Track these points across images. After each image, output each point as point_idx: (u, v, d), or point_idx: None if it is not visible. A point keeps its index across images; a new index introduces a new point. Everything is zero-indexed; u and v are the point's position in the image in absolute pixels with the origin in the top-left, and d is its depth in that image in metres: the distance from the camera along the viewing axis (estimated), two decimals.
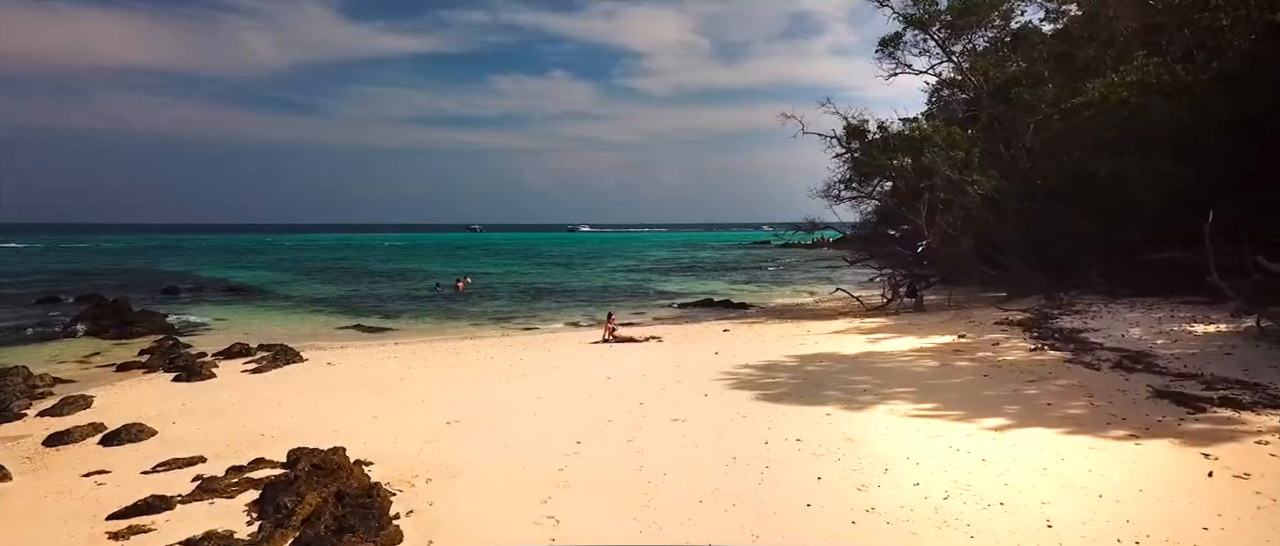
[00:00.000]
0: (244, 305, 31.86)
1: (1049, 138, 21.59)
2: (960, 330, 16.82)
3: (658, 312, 29.44)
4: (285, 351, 18.13)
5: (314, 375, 15.41)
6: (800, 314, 25.67)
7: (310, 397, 13.09)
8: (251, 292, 37.66)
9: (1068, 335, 14.41)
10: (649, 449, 9.17)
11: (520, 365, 15.52)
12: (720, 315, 27.66)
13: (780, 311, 27.22)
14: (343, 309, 30.88)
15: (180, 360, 17.38)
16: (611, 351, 17.39)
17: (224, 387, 14.28)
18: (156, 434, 10.89)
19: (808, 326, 20.04)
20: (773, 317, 24.59)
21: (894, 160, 21.85)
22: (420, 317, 28.56)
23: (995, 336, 15.37)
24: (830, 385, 12.00)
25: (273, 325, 25.80)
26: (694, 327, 21.99)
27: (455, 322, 27.01)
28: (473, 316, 28.78)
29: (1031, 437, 8.76)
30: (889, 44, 25.72)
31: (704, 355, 15.73)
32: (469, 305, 32.67)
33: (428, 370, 15.51)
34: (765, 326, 20.97)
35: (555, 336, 21.56)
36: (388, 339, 22.52)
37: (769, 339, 17.88)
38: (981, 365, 12.73)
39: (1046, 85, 20.69)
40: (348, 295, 36.56)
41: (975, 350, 14.09)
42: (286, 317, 28.18)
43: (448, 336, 22.87)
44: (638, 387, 12.65)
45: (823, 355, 14.72)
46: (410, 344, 20.91)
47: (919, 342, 15.43)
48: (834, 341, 16.57)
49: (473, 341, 20.84)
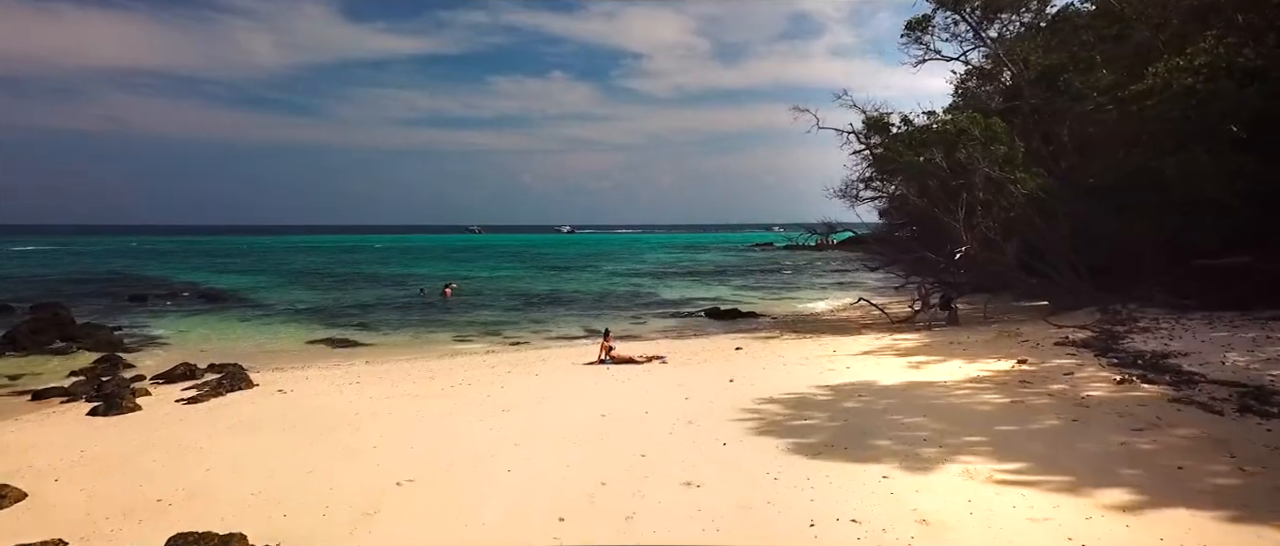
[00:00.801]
0: (213, 314, 29.49)
1: (1098, 130, 19.24)
2: (1015, 351, 14.46)
3: (659, 323, 27.08)
4: (235, 375, 15.81)
5: (256, 408, 13.05)
6: (818, 326, 23.30)
7: (240, 440, 10.74)
8: (226, 299, 35.29)
9: (1153, 361, 12.05)
10: (653, 532, 6.83)
11: (501, 395, 13.16)
12: (728, 326, 25.28)
13: (795, 323, 24.85)
14: (318, 319, 28.52)
15: (108, 386, 15.01)
16: (608, 375, 15.03)
17: (142, 426, 11.91)
18: (26, 497, 8.55)
19: (832, 344, 17.69)
20: (788, 330, 22.21)
21: (924, 156, 19.52)
22: (401, 329, 26.20)
23: (1062, 362, 13.01)
24: (879, 430, 9.64)
25: (236, 339, 23.45)
26: (701, 344, 19.63)
27: (437, 335, 24.64)
28: (457, 328, 26.41)
29: (1178, 524, 6.40)
30: (917, 27, 23.37)
31: (716, 382, 13.38)
32: (455, 314, 30.29)
33: (392, 401, 13.15)
34: (782, 343, 18.61)
35: (545, 354, 19.20)
36: (359, 356, 20.16)
37: (790, 360, 15.52)
38: (1062, 402, 10.37)
39: (1099, 71, 18.35)
40: (327, 303, 34.18)
41: (1045, 380, 11.73)
42: (254, 330, 25.82)
43: (426, 353, 20.50)
44: (638, 431, 10.29)
45: (859, 385, 12.36)
46: (381, 363, 18.56)
47: (971, 369, 13.07)
48: (868, 366, 14.20)
49: (452, 360, 18.48)
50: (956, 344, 16.08)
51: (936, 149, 19.05)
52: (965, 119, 18.82)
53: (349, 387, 14.67)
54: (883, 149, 23.38)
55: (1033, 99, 19.57)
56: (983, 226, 18.51)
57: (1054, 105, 19.03)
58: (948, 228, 19.61)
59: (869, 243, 23.43)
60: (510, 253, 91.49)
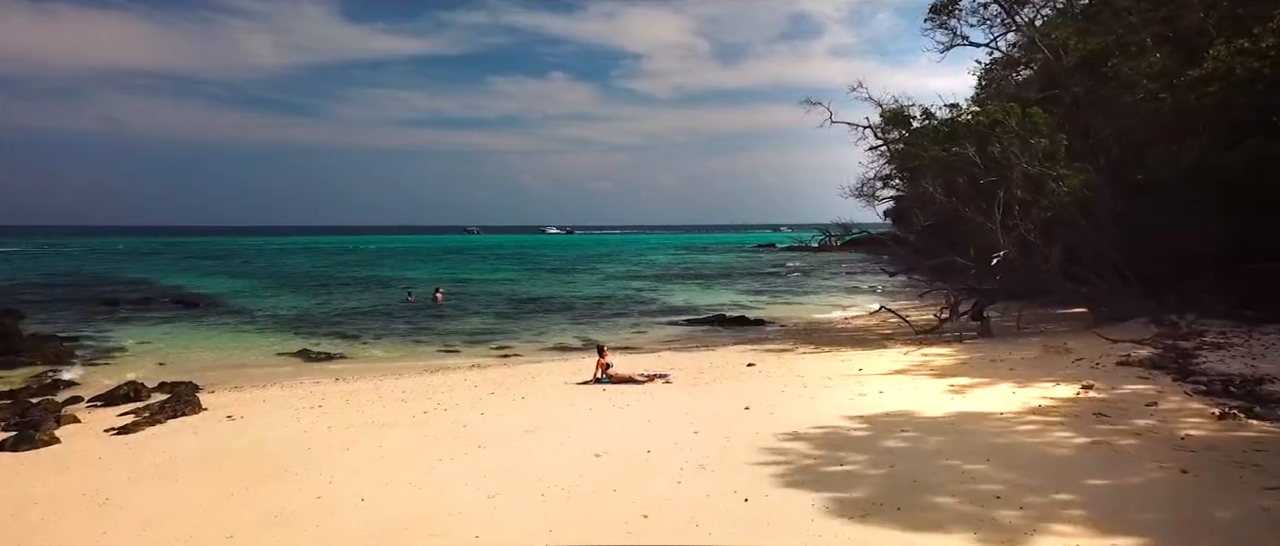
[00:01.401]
0: (183, 322, 27.64)
1: (1143, 122, 17.39)
2: (1071, 371, 12.60)
3: (661, 332, 25.21)
4: (183, 396, 14.01)
5: (194, 441, 11.21)
6: (835, 336, 21.44)
7: (159, 489, 8.91)
8: (205, 305, 33.42)
9: (1247, 387, 10.21)
10: None
11: (479, 426, 11.31)
12: (737, 336, 23.41)
13: (809, 332, 22.99)
14: (298, 327, 26.67)
15: (34, 412, 13.15)
16: (604, 399, 13.17)
17: (50, 466, 10.06)
18: None
19: (855, 360, 15.82)
20: (803, 342, 20.34)
21: (953, 150, 17.68)
22: (383, 338, 24.36)
23: (1136, 387, 11.14)
24: (936, 481, 7.78)
25: (201, 351, 21.60)
26: (709, 359, 17.77)
27: (422, 346, 22.79)
28: (444, 337, 24.55)
29: None
30: (943, 11, 21.53)
31: (729, 409, 11.53)
32: (444, 321, 28.44)
33: (352, 432, 11.31)
34: (799, 359, 16.74)
35: (536, 370, 17.34)
36: (332, 372, 18.31)
37: (811, 380, 13.65)
38: (1158, 445, 8.51)
39: (1151, 55, 16.50)
40: (310, 309, 32.32)
41: (1124, 412, 9.86)
42: (226, 339, 23.97)
43: (405, 368, 18.65)
44: (639, 479, 8.44)
45: (899, 417, 10.50)
46: (354, 380, 16.72)
47: (1028, 396, 11.20)
48: (903, 390, 12.34)
49: (431, 378, 16.63)
50: (999, 361, 14.21)
51: (968, 142, 17.20)
52: (1001, 109, 16.98)
53: (308, 413, 12.83)
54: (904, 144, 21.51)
55: (1074, 87, 17.72)
56: (1022, 228, 16.66)
57: (1098, 94, 17.19)
58: (979, 229, 17.76)
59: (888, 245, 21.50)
60: (508, 254, 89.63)
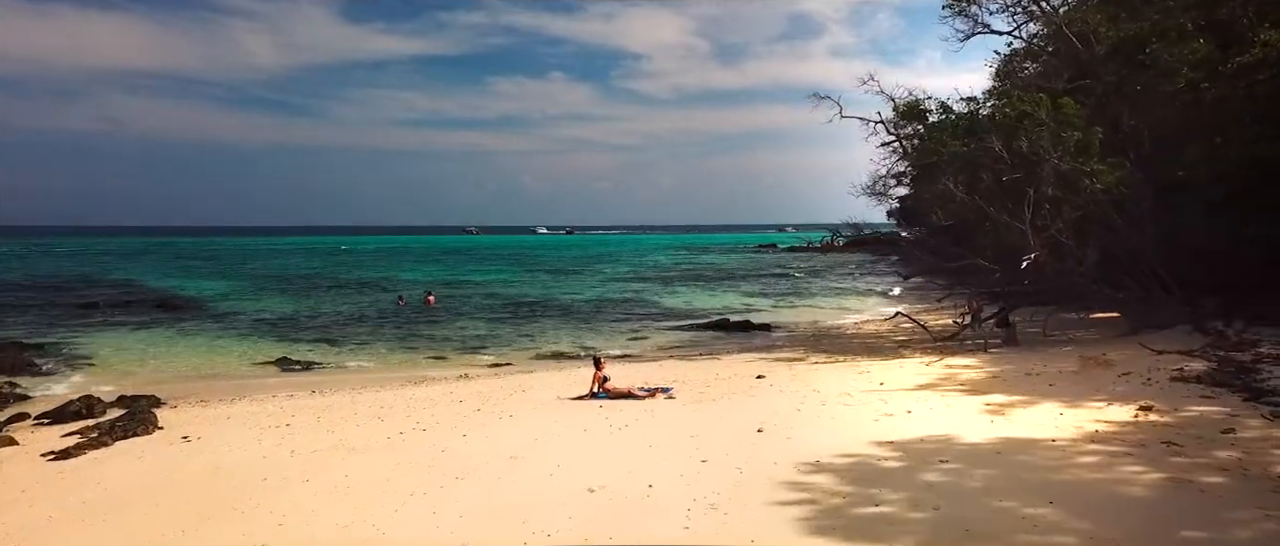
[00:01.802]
0: (161, 328, 26.36)
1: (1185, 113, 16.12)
2: (1119, 388, 11.33)
3: (662, 338, 23.94)
4: (138, 414, 12.78)
5: (139, 468, 9.96)
6: (848, 344, 20.16)
7: (88, 531, 7.66)
8: (185, 309, 32.14)
9: None
10: None
11: (459, 451, 10.04)
12: (743, 343, 22.17)
13: (819, 339, 21.72)
14: (281, 333, 25.41)
15: None
16: (601, 416, 11.90)
17: None
18: None
19: (875, 372, 14.54)
20: (814, 350, 19.07)
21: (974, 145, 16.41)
22: (369, 345, 23.10)
23: (1204, 409, 9.86)
24: (993, 529, 6.52)
25: (174, 360, 20.36)
26: (714, 369, 16.50)
27: (409, 354, 21.53)
28: (434, 344, 23.30)
29: None
30: None
31: (739, 431, 10.26)
32: (435, 326, 27.18)
33: (318, 457, 10.05)
34: (812, 371, 15.45)
35: (527, 381, 16.07)
36: (309, 383, 17.07)
37: (828, 395, 12.38)
38: (1252, 485, 7.23)
39: (1194, 41, 15.24)
40: (297, 313, 31.05)
41: (1199, 440, 8.57)
42: (202, 347, 22.72)
43: (388, 379, 17.39)
44: (640, 520, 7.19)
45: (935, 443, 9.23)
46: (330, 393, 15.46)
47: (1080, 419, 9.91)
48: (934, 408, 11.07)
49: (414, 391, 15.37)
50: (1034, 375, 12.93)
51: (993, 136, 15.92)
52: (1029, 100, 15.72)
53: (273, 433, 11.57)
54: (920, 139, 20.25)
55: (1107, 77, 16.44)
56: (1053, 229, 15.37)
57: (1132, 84, 15.93)
58: (1004, 229, 16.49)
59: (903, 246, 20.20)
60: (506, 255, 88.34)
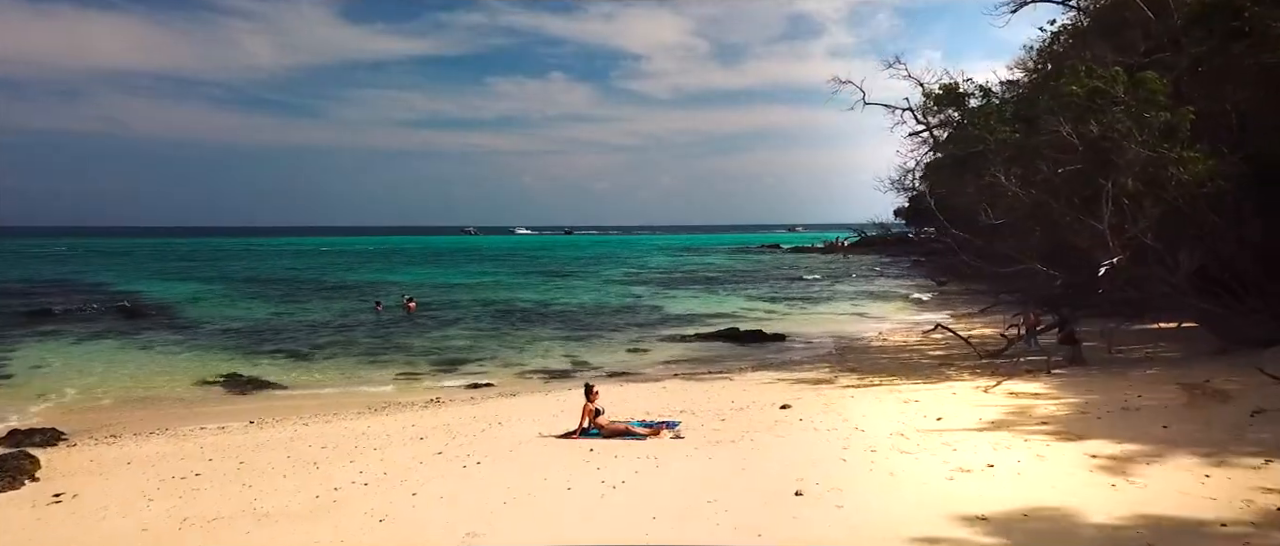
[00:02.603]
0: (111, 338, 23.85)
1: None
2: (1262, 429, 8.81)
3: (665, 352, 21.40)
4: (11, 461, 10.25)
5: None
6: (877, 360, 17.63)
7: None
8: (148, 316, 29.64)
9: None
10: None
11: (404, 518, 7.55)
12: (756, 357, 19.66)
13: (844, 354, 19.20)
14: (241, 345, 22.91)
15: None
16: (592, 465, 9.38)
17: None
18: None
19: (924, 399, 12.02)
20: (842, 368, 16.54)
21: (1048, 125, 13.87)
22: (336, 359, 20.61)
23: None
24: None
25: (110, 378, 17.91)
26: (728, 394, 13.98)
27: (377, 371, 19.02)
28: (409, 357, 20.81)
29: None
30: None
31: (773, 496, 7.74)
32: (413, 335, 24.69)
33: (214, 530, 7.56)
34: (847, 397, 12.92)
35: (506, 409, 13.55)
36: (250, 409, 14.60)
37: (879, 440, 9.83)
38: None
39: None
40: (266, 320, 28.53)
41: None
42: (149, 361, 20.26)
43: (344, 405, 14.88)
44: None
45: (1046, 520, 6.73)
46: (272, 424, 12.98)
47: (1233, 480, 7.40)
48: (1021, 459, 8.54)
49: (372, 420, 12.88)
50: (1132, 409, 10.41)
51: (1061, 118, 13.42)
52: (1103, 76, 13.21)
53: (172, 489, 9.08)
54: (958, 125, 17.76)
55: (1194, 47, 13.92)
56: (1136, 229, 12.84)
57: (1223, 56, 13.44)
58: (1070, 229, 13.98)
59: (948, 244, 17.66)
60: (501, 257, 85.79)
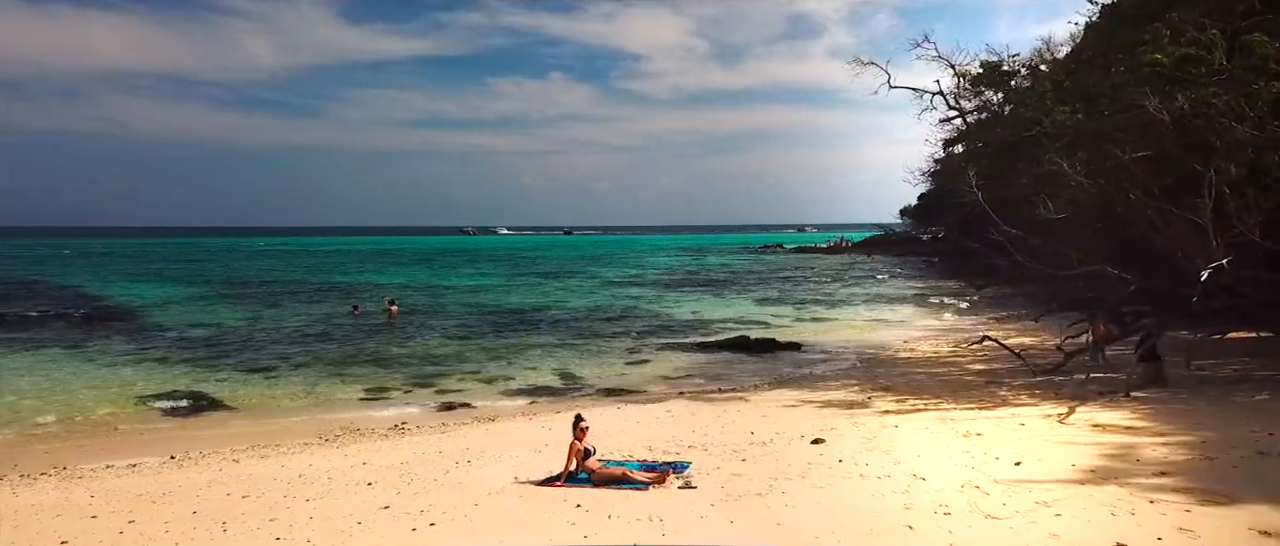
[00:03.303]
0: (55, 348, 21.60)
1: None
2: None
3: (668, 363, 19.17)
4: None
5: None
6: (914, 377, 15.38)
7: None
8: (105, 323, 27.39)
9: None
10: None
11: None
12: (771, 370, 17.46)
13: (871, 367, 16.95)
14: (199, 356, 20.69)
15: None
16: (578, 531, 7.16)
17: None
18: None
19: (991, 437, 9.79)
20: (873, 385, 14.30)
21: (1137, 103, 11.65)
22: (299, 372, 18.40)
23: None
24: None
25: (41, 392, 15.77)
26: (745, 421, 11.76)
27: (342, 387, 16.79)
28: (381, 370, 18.60)
29: None
30: None
31: None
32: (392, 343, 22.48)
33: None
34: (890, 428, 10.69)
35: (479, 443, 11.32)
36: (179, 439, 12.40)
37: (949, 493, 7.63)
38: None
39: None
40: (233, 328, 26.25)
41: None
42: (89, 375, 18.04)
43: (292, 434, 12.63)
44: None
45: None
46: (189, 463, 10.78)
47: None
48: (1163, 537, 6.31)
49: (312, 457, 10.65)
50: (1273, 454, 8.19)
51: (1147, 90, 11.22)
52: (1200, 40, 11.00)
53: None
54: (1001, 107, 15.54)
55: None
56: (1246, 224, 10.62)
57: None
58: (1151, 225, 11.77)
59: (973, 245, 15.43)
60: (498, 257, 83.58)
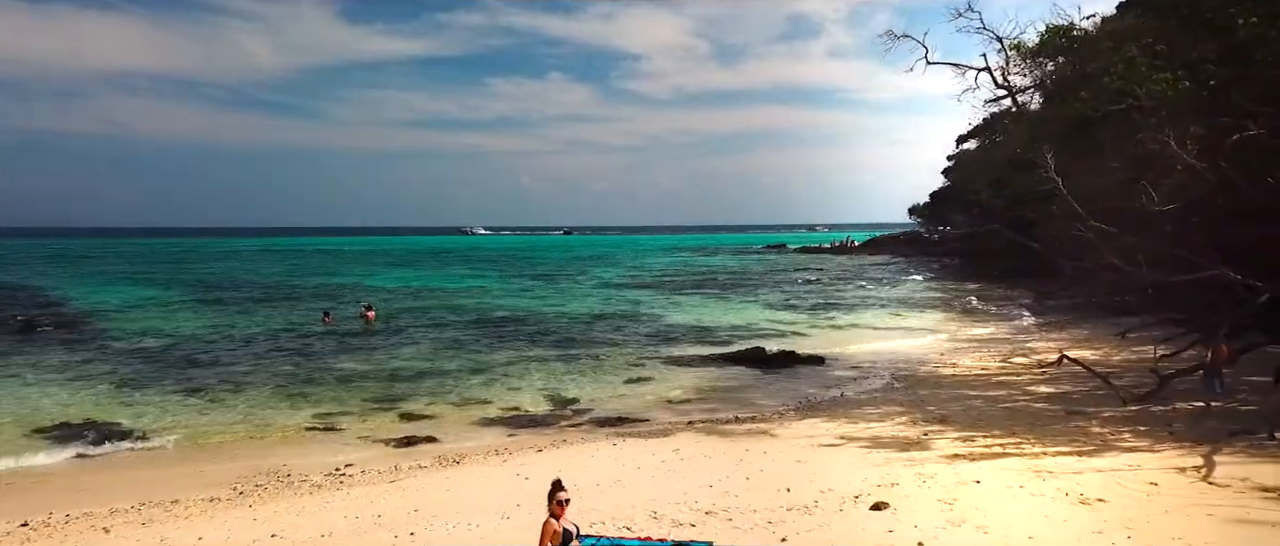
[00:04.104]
0: None
1: None
2: None
3: (673, 382, 16.55)
4: None
5: None
6: (969, 402, 12.75)
7: None
8: (48, 330, 24.88)
9: None
10: None
11: None
12: (792, 391, 14.86)
13: (913, 388, 14.30)
14: (135, 372, 18.16)
15: None
16: None
17: None
18: None
19: (1115, 503, 7.24)
20: (925, 415, 11.70)
21: None
22: (244, 391, 15.85)
23: None
24: None
25: None
26: (775, 468, 9.18)
27: (289, 411, 14.25)
28: (341, 388, 16.06)
29: None
30: None
31: None
32: (359, 355, 19.92)
33: None
34: (975, 491, 8.10)
35: (433, 500, 8.73)
36: (77, 482, 9.90)
37: None
38: None
39: None
40: (186, 338, 23.55)
41: None
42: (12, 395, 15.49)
43: (199, 482, 10.05)
44: None
45: None
46: (53, 529, 8.18)
47: None
48: None
49: (202, 525, 8.07)
50: None
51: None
52: None
53: None
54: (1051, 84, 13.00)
55: None
56: None
57: None
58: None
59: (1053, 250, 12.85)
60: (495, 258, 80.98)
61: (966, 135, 62.39)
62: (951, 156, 60.73)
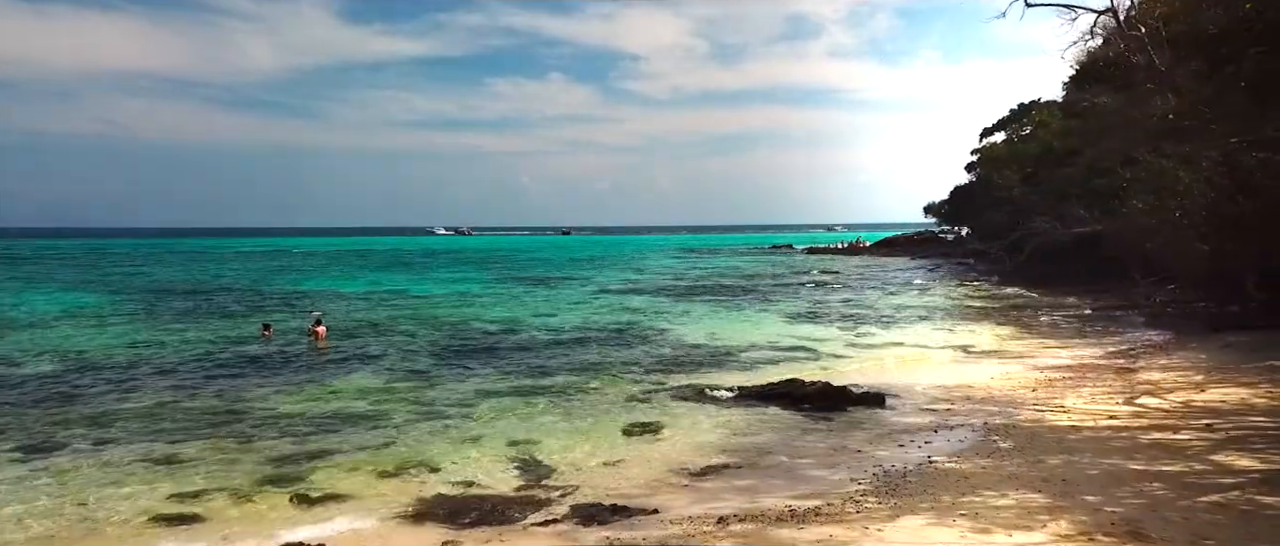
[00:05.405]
0: None
1: None
2: None
3: (688, 430, 12.32)
4: None
5: None
6: (1142, 488, 8.47)
7: None
8: None
9: None
10: None
11: None
12: (870, 463, 10.53)
13: (1032, 448, 10.03)
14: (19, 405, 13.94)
15: None
16: None
17: None
18: None
19: None
20: (1090, 514, 7.50)
21: None
22: (128, 443, 11.75)
23: None
24: None
25: None
26: None
27: (144, 488, 9.99)
28: (241, 443, 11.86)
29: None
30: None
31: None
32: (286, 389, 15.71)
33: None
34: None
35: None
36: None
37: None
38: None
39: None
40: (100, 358, 19.38)
41: None
42: None
43: None
44: None
45: None
46: None
47: None
48: None
49: None
50: None
51: None
52: None
53: None
54: None
55: None
56: None
57: None
58: None
59: None
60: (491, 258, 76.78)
61: (992, 127, 58.52)
62: (976, 150, 56.71)
